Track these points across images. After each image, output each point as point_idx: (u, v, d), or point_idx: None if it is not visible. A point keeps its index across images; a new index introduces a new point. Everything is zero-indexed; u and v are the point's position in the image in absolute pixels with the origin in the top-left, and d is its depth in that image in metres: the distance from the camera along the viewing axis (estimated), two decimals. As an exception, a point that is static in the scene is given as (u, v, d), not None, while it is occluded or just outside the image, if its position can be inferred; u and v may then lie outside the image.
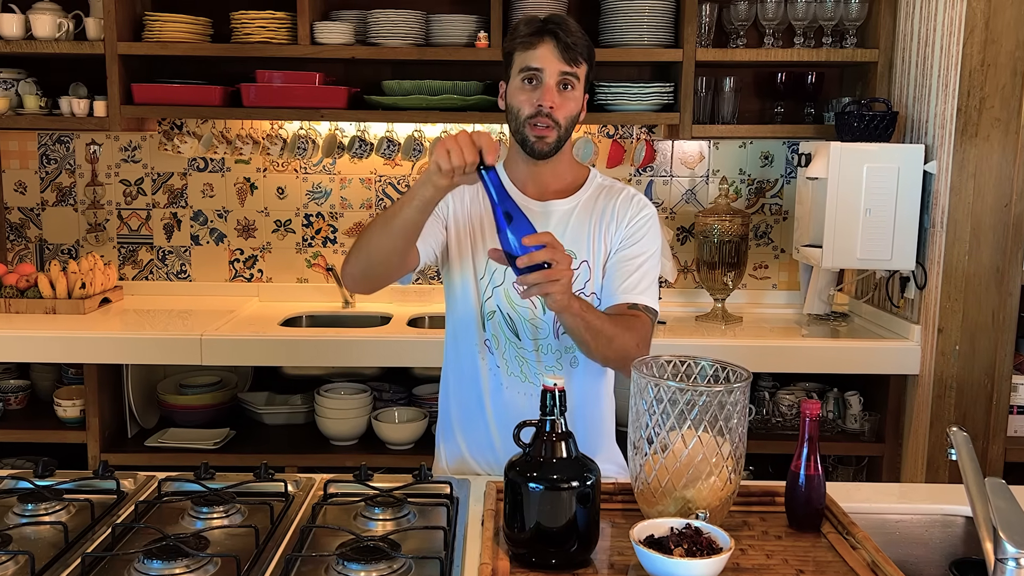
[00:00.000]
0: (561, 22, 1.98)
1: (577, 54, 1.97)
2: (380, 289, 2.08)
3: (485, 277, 2.09)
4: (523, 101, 2.00)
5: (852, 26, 3.41)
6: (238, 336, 3.21)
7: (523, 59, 1.99)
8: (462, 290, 2.13)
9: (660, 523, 1.52)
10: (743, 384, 1.61)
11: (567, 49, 1.96)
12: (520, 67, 2.00)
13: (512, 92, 2.03)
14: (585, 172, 2.17)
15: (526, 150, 2.03)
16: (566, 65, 1.97)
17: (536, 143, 2.01)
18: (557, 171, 2.11)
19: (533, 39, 1.97)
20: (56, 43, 3.37)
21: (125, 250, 3.85)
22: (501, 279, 2.08)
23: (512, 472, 1.53)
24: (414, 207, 1.84)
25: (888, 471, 3.30)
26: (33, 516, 1.70)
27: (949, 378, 3.04)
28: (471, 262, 2.11)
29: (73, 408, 3.30)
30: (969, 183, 2.96)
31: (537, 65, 1.97)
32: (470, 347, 2.14)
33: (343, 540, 1.56)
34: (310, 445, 3.35)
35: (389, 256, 1.94)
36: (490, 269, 2.09)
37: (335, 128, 3.70)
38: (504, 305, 2.09)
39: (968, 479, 1.55)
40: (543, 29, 1.98)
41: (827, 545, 1.63)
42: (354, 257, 1.99)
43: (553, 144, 2.01)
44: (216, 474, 1.87)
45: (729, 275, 3.50)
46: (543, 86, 1.98)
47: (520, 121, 2.01)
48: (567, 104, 2.00)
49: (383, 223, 1.91)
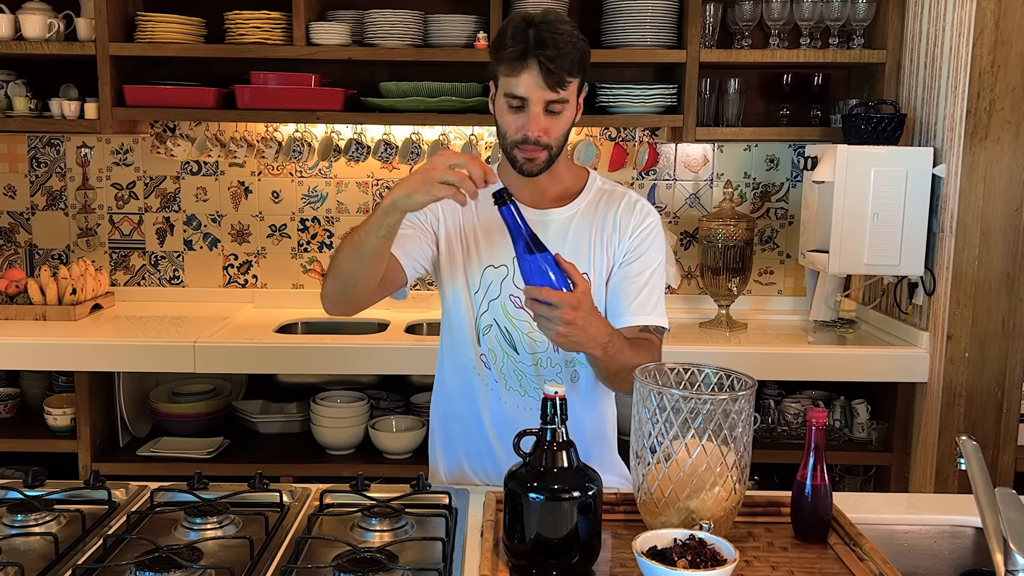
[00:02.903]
0: (546, 40, 1.86)
1: (564, 75, 1.88)
2: (363, 310, 2.03)
3: (480, 291, 2.05)
4: (509, 124, 1.94)
5: (859, 26, 3.39)
6: (232, 343, 3.19)
7: (507, 84, 1.91)
8: (455, 304, 2.08)
9: (663, 534, 1.51)
10: (748, 392, 1.60)
11: (550, 75, 1.87)
12: (504, 91, 1.93)
13: (499, 110, 1.96)
14: (584, 175, 2.12)
15: (516, 169, 1.98)
16: (551, 92, 1.89)
17: (525, 164, 1.96)
18: (554, 176, 2.05)
19: (516, 65, 1.88)
20: (46, 44, 3.34)
21: (117, 255, 3.83)
22: (497, 292, 2.04)
23: (512, 482, 1.53)
24: (381, 235, 1.80)
25: (896, 481, 3.28)
26: (23, 527, 1.69)
27: (958, 386, 3.02)
28: (463, 275, 2.06)
29: (64, 417, 3.28)
30: (979, 187, 2.95)
31: (522, 94, 1.90)
32: (466, 361, 2.10)
33: (339, 552, 1.55)
34: (306, 454, 3.33)
35: (364, 281, 1.90)
36: (485, 282, 2.04)
37: (331, 131, 3.67)
38: (501, 318, 2.04)
39: (978, 489, 1.54)
40: (527, 51, 1.87)
41: (834, 557, 1.62)
42: (330, 281, 1.95)
43: (543, 164, 1.97)
44: (209, 484, 1.86)
45: (733, 281, 3.48)
46: (529, 114, 1.91)
47: (508, 143, 1.96)
48: (556, 126, 1.94)
49: (352, 249, 1.86)
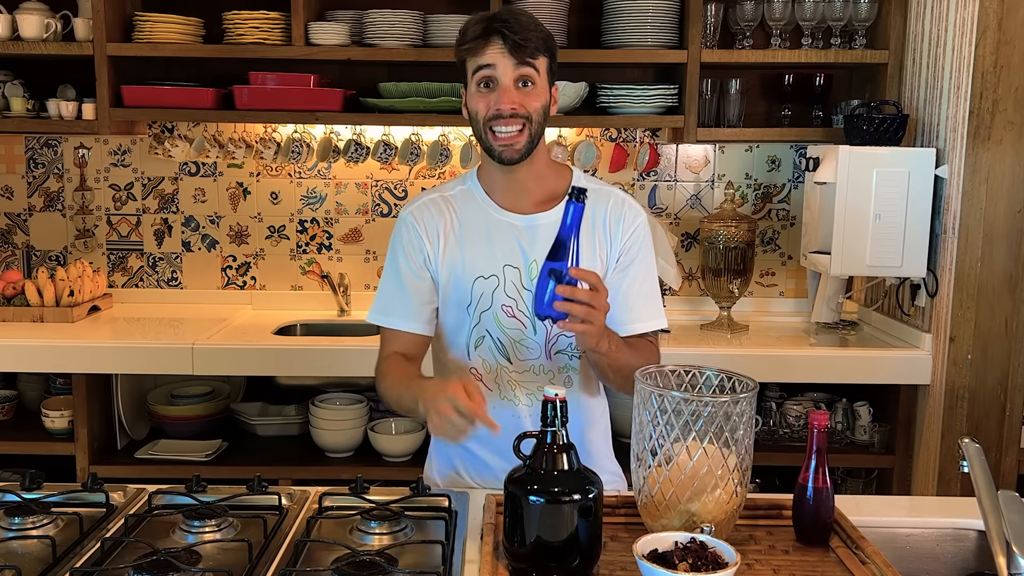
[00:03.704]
0: (508, 18, 1.89)
1: (532, 49, 1.89)
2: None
3: (472, 303, 2.03)
4: (480, 105, 1.93)
5: (861, 26, 3.38)
6: (231, 345, 3.19)
7: (474, 62, 1.92)
8: (446, 320, 2.08)
9: (664, 537, 1.50)
10: (749, 394, 1.60)
11: (517, 47, 1.88)
12: (473, 70, 1.93)
13: (470, 98, 1.97)
14: (566, 174, 2.09)
15: (494, 158, 1.97)
16: (520, 63, 1.89)
17: (503, 151, 1.94)
18: (535, 174, 2.03)
19: (479, 43, 1.90)
20: (44, 44, 3.34)
21: (115, 257, 3.82)
22: (489, 303, 2.02)
23: (512, 485, 1.52)
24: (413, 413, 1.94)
25: (898, 484, 3.27)
26: (20, 530, 1.69)
27: (961, 388, 3.02)
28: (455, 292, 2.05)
29: (61, 419, 3.27)
30: (981, 188, 2.94)
31: (489, 64, 1.90)
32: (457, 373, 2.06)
33: (338, 555, 1.55)
34: (304, 457, 3.33)
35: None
36: (475, 294, 2.02)
37: (330, 131, 3.66)
38: (494, 329, 2.03)
39: (980, 492, 1.54)
40: (489, 29, 1.89)
41: (836, 560, 1.62)
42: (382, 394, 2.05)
43: (523, 148, 1.94)
44: (208, 487, 1.86)
45: (735, 282, 3.47)
46: (500, 87, 1.91)
47: (481, 127, 1.95)
48: (529, 100, 1.92)
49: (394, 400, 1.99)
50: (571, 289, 1.73)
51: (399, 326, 2.05)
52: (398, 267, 2.06)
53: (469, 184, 2.08)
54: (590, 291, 1.74)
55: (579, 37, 3.55)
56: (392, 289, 2.06)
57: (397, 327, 2.05)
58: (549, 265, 1.75)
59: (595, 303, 1.74)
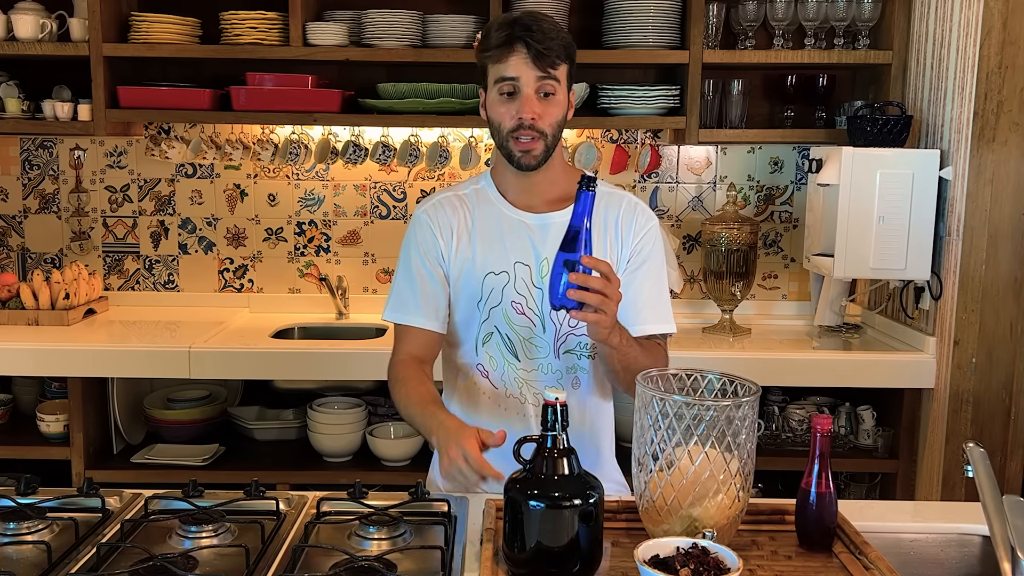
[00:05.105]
0: (531, 25, 1.92)
1: (553, 58, 1.92)
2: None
3: (482, 299, 2.05)
4: (503, 114, 1.96)
5: (865, 27, 3.37)
6: (228, 348, 3.18)
7: (497, 70, 1.94)
8: (457, 316, 2.09)
9: (666, 542, 1.49)
10: (752, 398, 1.59)
11: (540, 57, 1.91)
12: (495, 79, 1.95)
13: (491, 104, 1.99)
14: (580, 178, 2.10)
15: (513, 164, 1.99)
16: (542, 72, 1.92)
17: (522, 158, 1.97)
18: (550, 178, 2.06)
19: (504, 50, 1.92)
20: (39, 44, 3.33)
21: (110, 259, 3.80)
22: (499, 299, 2.03)
23: (512, 490, 1.52)
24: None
25: (902, 488, 3.27)
26: (15, 535, 1.68)
27: (965, 392, 3.01)
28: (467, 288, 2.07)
29: (56, 423, 3.27)
30: (986, 190, 2.93)
31: (512, 74, 1.92)
32: (464, 370, 2.10)
33: (337, 560, 1.55)
34: (302, 461, 3.32)
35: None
36: (486, 290, 2.04)
37: (328, 133, 3.65)
38: (503, 326, 2.04)
39: (985, 497, 1.53)
40: (513, 36, 1.91)
41: (839, 565, 1.62)
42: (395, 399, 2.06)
43: (541, 156, 1.97)
44: (205, 492, 1.85)
45: (737, 285, 3.45)
46: (521, 96, 1.93)
47: (503, 135, 1.98)
48: (550, 111, 1.96)
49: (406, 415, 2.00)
50: (585, 277, 1.73)
51: (415, 323, 2.06)
52: (412, 265, 2.08)
53: (483, 184, 2.12)
54: (603, 280, 1.74)
55: (580, 37, 3.52)
56: (406, 287, 2.08)
57: (413, 324, 2.07)
58: (563, 256, 1.75)
59: (608, 292, 1.74)
